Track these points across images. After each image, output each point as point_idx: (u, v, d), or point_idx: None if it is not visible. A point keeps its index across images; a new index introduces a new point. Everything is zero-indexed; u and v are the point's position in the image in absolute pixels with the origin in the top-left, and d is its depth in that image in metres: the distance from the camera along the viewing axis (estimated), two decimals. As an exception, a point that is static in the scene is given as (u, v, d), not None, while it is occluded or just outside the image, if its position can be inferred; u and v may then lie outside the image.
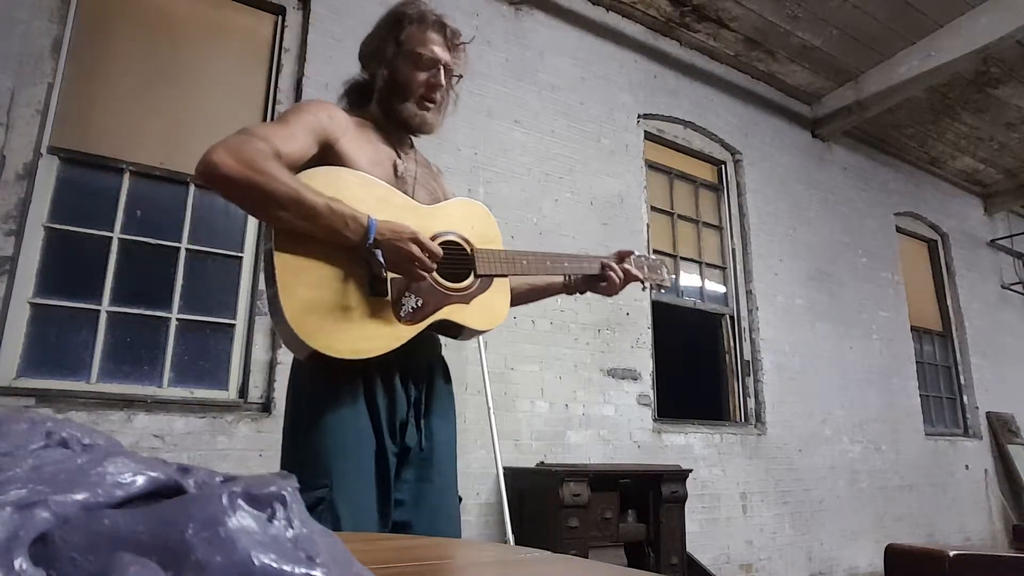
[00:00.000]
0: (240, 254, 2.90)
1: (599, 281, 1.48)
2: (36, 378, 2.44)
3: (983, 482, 5.72)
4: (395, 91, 1.27)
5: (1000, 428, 5.96)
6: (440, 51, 1.28)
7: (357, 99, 1.36)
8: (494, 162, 3.60)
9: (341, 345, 1.07)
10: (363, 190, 1.15)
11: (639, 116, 4.33)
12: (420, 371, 1.24)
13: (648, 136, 4.41)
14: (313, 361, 1.10)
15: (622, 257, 1.50)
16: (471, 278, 1.23)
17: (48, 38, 2.62)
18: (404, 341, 1.13)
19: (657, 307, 4.11)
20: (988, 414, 6.00)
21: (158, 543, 0.24)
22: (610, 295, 1.50)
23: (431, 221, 1.21)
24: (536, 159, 3.77)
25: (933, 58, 4.47)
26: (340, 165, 1.18)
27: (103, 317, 2.59)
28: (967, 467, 5.64)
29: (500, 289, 1.31)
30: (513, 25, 3.91)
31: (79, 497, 0.25)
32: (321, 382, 1.15)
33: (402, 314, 1.14)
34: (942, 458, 5.45)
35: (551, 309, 3.58)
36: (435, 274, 1.17)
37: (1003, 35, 4.12)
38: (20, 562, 0.22)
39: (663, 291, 1.74)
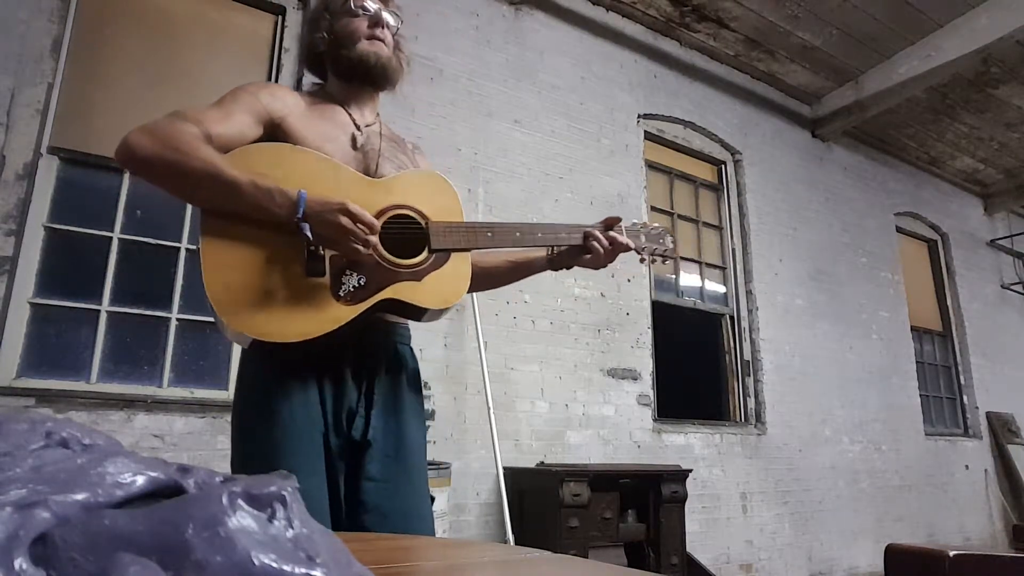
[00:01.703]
0: (240, 254, 2.89)
1: (583, 253, 1.33)
2: (36, 378, 2.44)
3: (983, 482, 5.72)
4: (340, 44, 1.24)
5: (1000, 428, 5.96)
6: (370, 2, 1.27)
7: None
8: (494, 162, 3.60)
9: (268, 328, 1.00)
10: (305, 165, 1.09)
11: (639, 116, 4.33)
12: (377, 359, 1.17)
13: (648, 136, 4.41)
14: (259, 349, 1.05)
15: (609, 224, 1.35)
16: (424, 253, 1.14)
17: (48, 38, 2.62)
18: (342, 323, 1.05)
19: (657, 307, 4.11)
20: (988, 414, 6.00)
21: (158, 543, 0.24)
22: (597, 267, 1.35)
23: (383, 194, 1.14)
24: (536, 159, 3.77)
25: (933, 58, 4.47)
26: (288, 143, 1.13)
27: (103, 317, 2.59)
28: (967, 467, 5.64)
29: (459, 265, 1.19)
30: (513, 25, 3.90)
31: (79, 497, 0.25)
32: (269, 371, 1.09)
33: (341, 294, 1.06)
34: (942, 458, 5.45)
35: (551, 309, 3.58)
36: (382, 250, 1.09)
37: (1003, 35, 4.12)
38: (20, 562, 0.22)
39: (666, 261, 1.53)
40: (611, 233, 1.33)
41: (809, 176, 5.25)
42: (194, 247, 2.82)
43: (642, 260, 1.44)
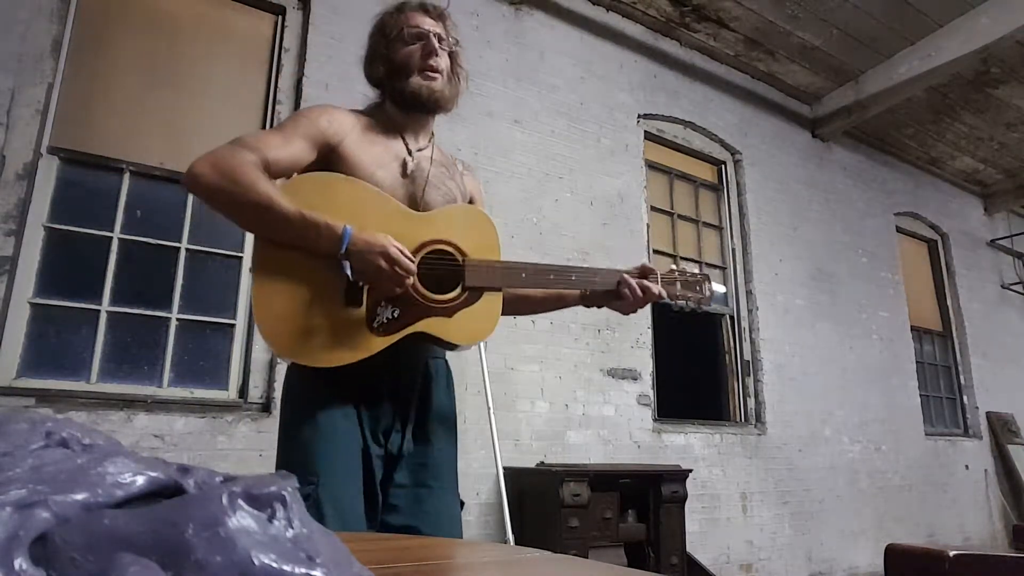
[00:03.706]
0: (240, 254, 2.90)
1: (614, 298, 1.37)
2: (36, 378, 2.44)
3: (983, 482, 5.72)
4: (396, 73, 1.27)
5: (1000, 428, 5.96)
6: (425, 23, 1.29)
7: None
8: (494, 162, 3.60)
9: (304, 353, 1.09)
10: (352, 197, 1.14)
11: (639, 116, 4.33)
12: (411, 378, 1.23)
13: (648, 136, 4.41)
14: (303, 367, 1.14)
15: (645, 272, 1.37)
16: (458, 290, 1.19)
17: (48, 38, 2.61)
18: (372, 352, 1.12)
19: (657, 307, 4.10)
20: (988, 414, 6.00)
21: (158, 543, 0.24)
22: (626, 313, 1.39)
23: (424, 228, 1.19)
24: (536, 159, 3.77)
25: (933, 58, 4.47)
26: (343, 168, 1.18)
27: (103, 317, 2.59)
28: (967, 467, 5.64)
29: (490, 303, 1.24)
30: (513, 25, 3.90)
31: (79, 497, 0.25)
32: (311, 383, 1.16)
33: (375, 325, 1.13)
34: (942, 458, 5.45)
35: (551, 309, 3.57)
36: (418, 285, 1.15)
37: (1003, 35, 4.12)
38: (20, 562, 0.22)
39: (701, 310, 1.49)
40: (645, 283, 1.35)
41: (809, 176, 5.25)
42: (195, 247, 2.82)
43: (675, 310, 1.48)
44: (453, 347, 1.23)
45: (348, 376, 1.14)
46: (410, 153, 1.28)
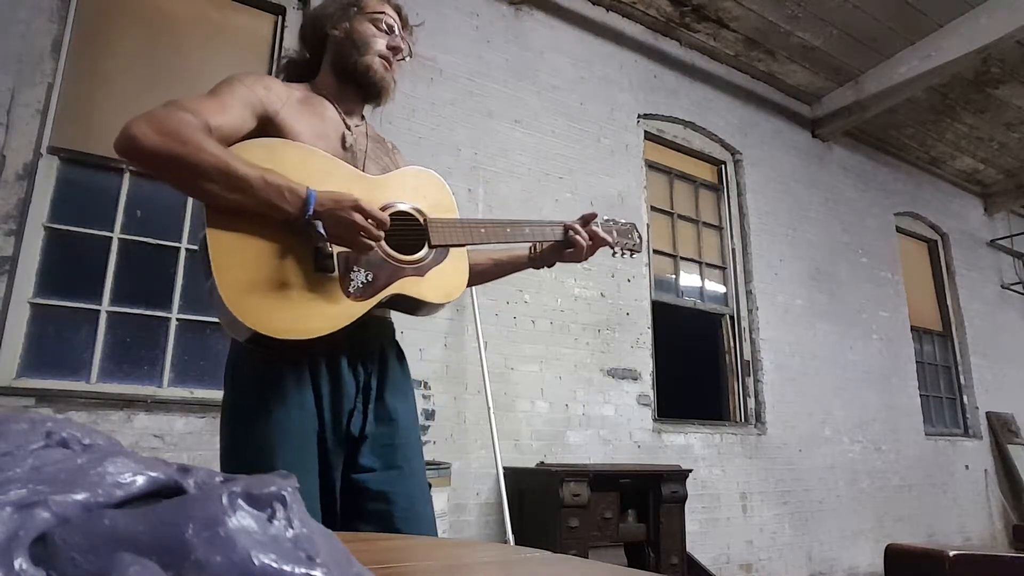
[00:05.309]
0: (240, 254, 2.89)
1: (565, 247, 1.38)
2: (36, 378, 2.43)
3: (983, 482, 5.72)
4: (354, 46, 1.24)
5: (1000, 428, 5.96)
6: (397, 26, 1.30)
7: (296, 75, 1.32)
8: (494, 162, 3.60)
9: (281, 325, 0.99)
10: (303, 161, 1.07)
11: (639, 116, 4.33)
12: (370, 355, 1.17)
13: (648, 136, 4.41)
14: (254, 344, 1.03)
15: (587, 220, 1.41)
16: (424, 249, 1.16)
17: (48, 38, 2.62)
18: (354, 319, 1.05)
19: (657, 307, 4.11)
20: (988, 414, 6.00)
21: (158, 543, 0.24)
22: (578, 261, 1.40)
23: (380, 191, 1.15)
24: (536, 159, 3.77)
25: (933, 58, 4.47)
26: (280, 137, 1.11)
27: (103, 317, 2.59)
28: (967, 467, 5.64)
29: (457, 260, 1.23)
30: (513, 25, 3.90)
31: (79, 497, 0.25)
32: (264, 369, 1.08)
33: (351, 290, 1.06)
34: (942, 458, 5.45)
35: (551, 309, 3.58)
36: (386, 246, 1.09)
37: (1003, 35, 4.12)
38: (20, 562, 0.22)
39: (634, 256, 1.56)
40: (592, 228, 1.40)
41: (809, 176, 5.25)
42: (195, 247, 2.82)
43: (614, 254, 1.52)
44: (428, 307, 1.19)
45: (305, 356, 1.08)
46: (348, 128, 1.24)
